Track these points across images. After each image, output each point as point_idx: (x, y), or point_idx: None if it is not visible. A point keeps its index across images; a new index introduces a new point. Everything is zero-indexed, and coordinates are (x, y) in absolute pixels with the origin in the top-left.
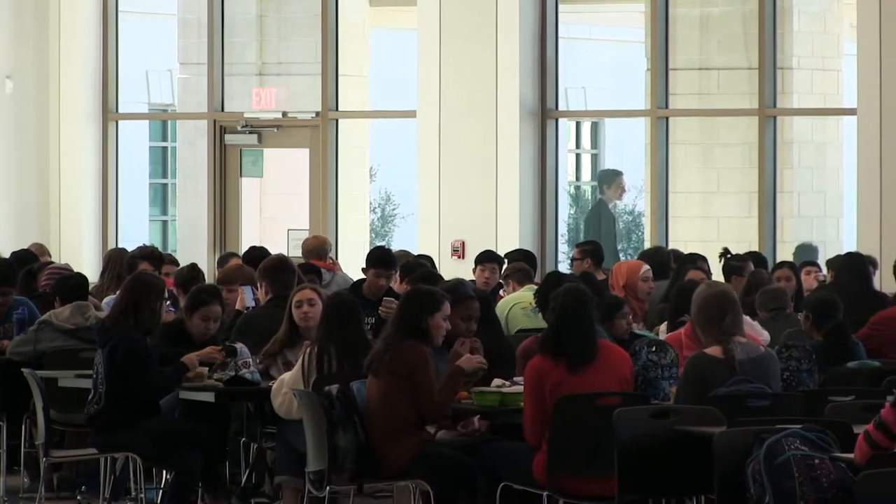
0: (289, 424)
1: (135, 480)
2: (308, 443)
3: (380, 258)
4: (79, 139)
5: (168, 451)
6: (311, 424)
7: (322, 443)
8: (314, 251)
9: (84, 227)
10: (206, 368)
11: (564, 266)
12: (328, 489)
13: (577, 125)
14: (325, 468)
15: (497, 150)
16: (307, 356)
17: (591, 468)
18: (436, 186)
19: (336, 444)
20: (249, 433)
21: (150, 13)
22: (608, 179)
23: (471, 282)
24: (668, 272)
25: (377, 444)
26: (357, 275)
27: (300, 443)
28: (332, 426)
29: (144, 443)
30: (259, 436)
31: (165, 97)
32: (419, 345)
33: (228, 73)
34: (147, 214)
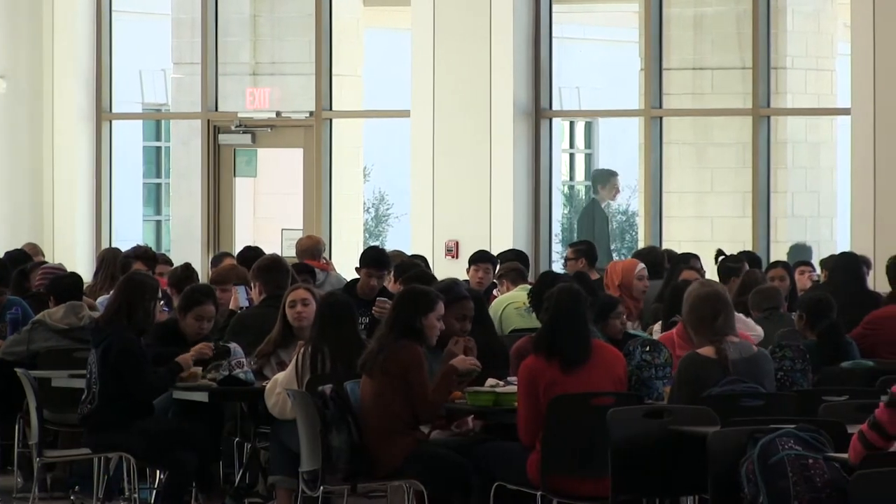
0: (282, 424)
1: (128, 480)
2: (302, 443)
3: (371, 258)
4: (72, 139)
5: (162, 451)
6: (305, 424)
7: (316, 443)
8: (308, 251)
9: (78, 227)
10: (200, 368)
11: (558, 266)
12: (322, 489)
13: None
14: (319, 468)
15: (491, 150)
16: (301, 356)
17: (585, 468)
18: (430, 186)
19: (330, 444)
20: (243, 433)
21: (144, 13)
22: (603, 179)
23: (464, 282)
24: (662, 272)
25: (371, 444)
26: (351, 275)
27: (294, 443)
28: (326, 426)
29: (138, 443)
30: (253, 436)
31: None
32: (413, 345)
33: (222, 73)
34: (141, 214)
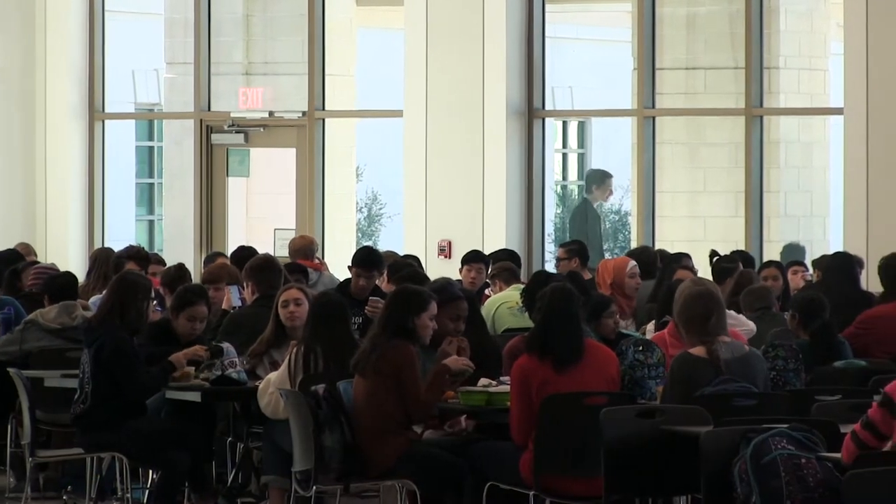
0: (275, 424)
1: (121, 480)
2: (294, 442)
3: (361, 258)
4: (65, 138)
5: (154, 451)
6: (298, 424)
7: (308, 442)
8: (301, 251)
9: (70, 227)
10: (193, 368)
11: (551, 265)
12: (315, 489)
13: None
14: (312, 468)
15: (484, 150)
16: (293, 356)
17: (578, 468)
18: (422, 186)
19: (322, 444)
20: (236, 433)
21: (137, 12)
22: (597, 180)
23: (457, 281)
24: (655, 272)
25: (364, 444)
26: (343, 274)
27: (287, 442)
28: (319, 426)
29: (131, 443)
30: (245, 435)
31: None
32: (406, 344)
33: (215, 73)
34: (133, 214)
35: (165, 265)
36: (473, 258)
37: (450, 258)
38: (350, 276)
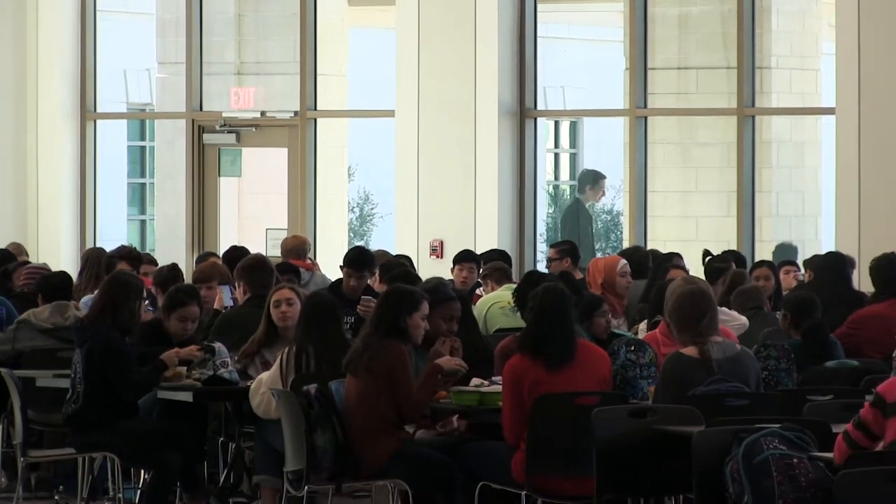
0: (267, 424)
1: (113, 480)
2: (286, 442)
3: (351, 258)
4: (57, 138)
5: (146, 451)
6: (290, 424)
7: (300, 442)
8: (293, 251)
9: (62, 227)
10: (185, 368)
11: (543, 265)
12: (306, 489)
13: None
14: (304, 468)
15: (475, 150)
16: (285, 356)
17: (570, 467)
18: (414, 186)
19: (314, 444)
20: (228, 433)
21: (129, 12)
22: (591, 180)
23: (449, 281)
24: (647, 272)
25: (356, 444)
26: (335, 274)
27: (278, 442)
28: (311, 426)
29: (122, 442)
30: (237, 435)
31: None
32: (398, 344)
33: (207, 73)
34: (125, 214)
35: (157, 265)
36: (465, 258)
37: (442, 258)
38: (342, 276)
